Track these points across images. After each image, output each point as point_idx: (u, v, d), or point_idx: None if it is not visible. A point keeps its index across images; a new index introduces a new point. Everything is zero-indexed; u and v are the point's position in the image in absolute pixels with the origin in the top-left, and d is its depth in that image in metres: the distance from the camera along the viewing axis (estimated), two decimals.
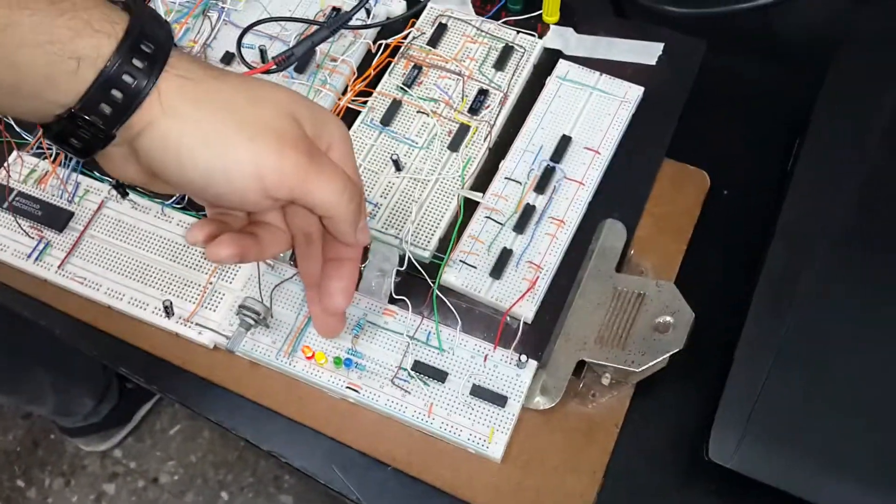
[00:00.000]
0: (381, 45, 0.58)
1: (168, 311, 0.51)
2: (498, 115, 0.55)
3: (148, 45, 0.34)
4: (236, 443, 1.23)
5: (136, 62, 0.34)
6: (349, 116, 0.57)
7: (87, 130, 0.34)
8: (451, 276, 0.51)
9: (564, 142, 0.54)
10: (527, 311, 0.50)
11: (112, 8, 0.34)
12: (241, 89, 0.37)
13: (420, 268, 0.51)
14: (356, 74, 0.58)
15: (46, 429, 1.26)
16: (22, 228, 0.55)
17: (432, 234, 0.52)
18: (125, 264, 0.53)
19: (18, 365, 0.99)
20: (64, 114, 0.34)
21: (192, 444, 1.24)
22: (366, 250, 0.52)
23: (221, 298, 0.52)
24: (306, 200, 0.38)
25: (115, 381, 1.16)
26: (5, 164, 0.57)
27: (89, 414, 1.14)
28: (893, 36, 0.53)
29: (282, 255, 0.52)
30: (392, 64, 0.58)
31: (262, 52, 0.57)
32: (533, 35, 0.57)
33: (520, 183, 0.53)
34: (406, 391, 0.48)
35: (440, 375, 0.48)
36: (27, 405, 1.09)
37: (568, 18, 0.58)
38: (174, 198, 0.55)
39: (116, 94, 0.33)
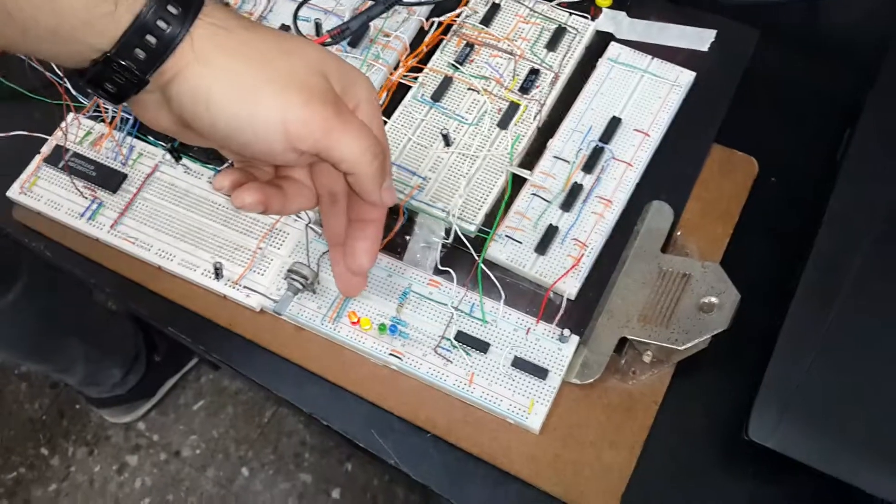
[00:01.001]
0: (433, 22, 0.59)
1: (218, 273, 0.52)
2: (548, 94, 0.56)
3: None
4: (259, 420, 1.24)
5: (171, 8, 0.34)
6: (400, 91, 0.57)
7: (122, 75, 0.35)
8: (497, 250, 0.52)
9: (614, 123, 0.54)
10: (571, 287, 0.50)
11: None
12: (272, 41, 0.37)
13: (466, 241, 0.52)
14: (408, 50, 0.59)
15: (72, 399, 1.28)
16: (77, 188, 0.56)
17: (479, 209, 0.53)
18: (176, 226, 0.54)
19: (54, 334, 1.01)
20: (100, 58, 0.35)
21: (215, 420, 1.25)
22: (412, 222, 0.53)
23: (270, 263, 0.53)
24: (330, 155, 0.38)
25: (144, 353, 1.18)
26: (62, 126, 0.58)
27: (116, 385, 1.16)
28: None
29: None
30: (444, 41, 0.58)
31: (318, 26, 0.58)
32: (586, 17, 0.58)
33: (568, 162, 0.54)
34: (448, 360, 0.49)
35: (482, 346, 0.49)
36: (57, 374, 1.11)
37: (620, 2, 0.59)
38: (226, 164, 0.56)
39: (151, 39, 0.34)
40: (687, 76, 0.55)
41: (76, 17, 0.33)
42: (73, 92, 0.59)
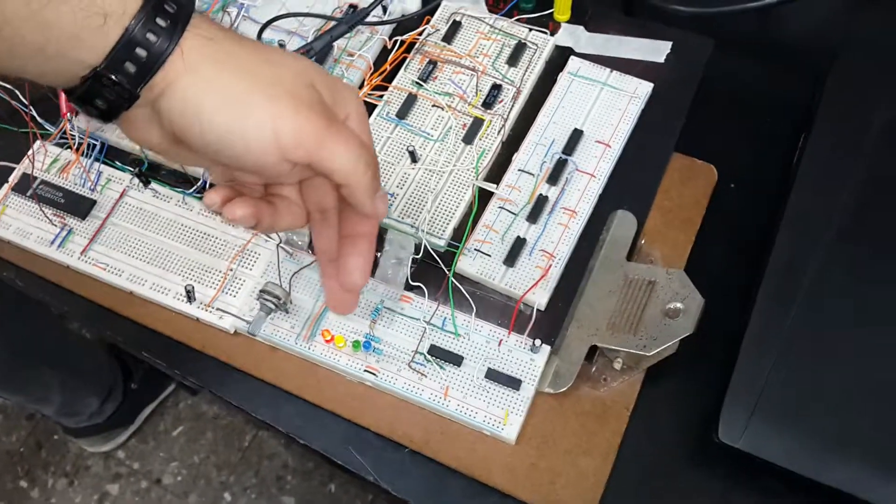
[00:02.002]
0: (396, 41, 0.60)
1: (190, 296, 0.52)
2: (511, 109, 0.57)
3: (171, 4, 0.35)
4: (239, 443, 1.23)
5: (160, 21, 0.34)
6: (366, 110, 0.58)
7: (112, 90, 0.35)
8: (466, 263, 0.52)
9: (576, 135, 0.55)
10: (540, 297, 0.51)
11: None
12: (261, 52, 0.37)
13: (436, 256, 0.53)
14: (372, 69, 0.59)
15: (50, 429, 1.26)
16: (46, 216, 0.56)
17: (447, 224, 0.53)
18: (147, 251, 0.55)
19: (28, 364, 1.00)
20: (89, 74, 0.34)
21: (195, 446, 1.24)
22: (382, 239, 0.54)
23: (242, 284, 0.53)
24: (323, 165, 0.38)
25: (120, 381, 1.17)
26: (29, 154, 0.58)
27: (93, 414, 1.15)
28: (892, 38, 0.54)
29: (300, 242, 0.53)
30: (407, 59, 0.59)
31: (282, 47, 0.59)
32: (545, 32, 0.59)
33: (533, 175, 0.55)
34: (422, 374, 0.50)
35: (456, 359, 0.50)
36: (33, 404, 1.10)
37: (579, 17, 0.60)
38: (195, 186, 0.56)
39: (140, 52, 0.34)
40: (645, 87, 0.57)
41: (64, 33, 0.33)
42: (39, 119, 0.59)
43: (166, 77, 0.35)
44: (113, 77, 0.34)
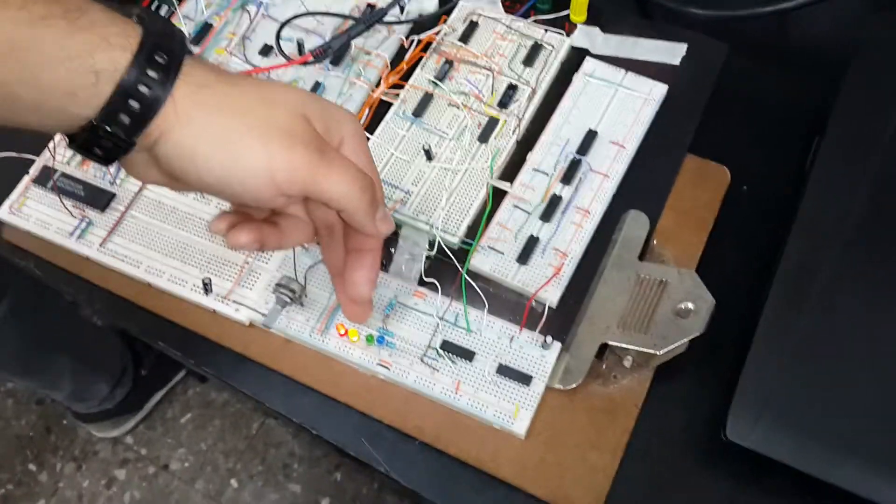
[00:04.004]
0: (413, 40, 0.61)
1: (206, 288, 0.53)
2: (526, 109, 0.57)
3: (162, 55, 0.36)
4: (246, 431, 1.25)
5: (151, 73, 0.35)
6: (382, 108, 0.59)
7: (109, 140, 0.36)
8: (480, 261, 0.53)
9: (590, 136, 0.56)
10: (552, 295, 0.52)
11: (126, 21, 0.36)
12: (252, 93, 0.38)
13: (449, 252, 0.53)
14: (389, 68, 0.60)
15: (59, 414, 1.28)
16: (66, 207, 0.57)
17: (461, 221, 0.54)
18: (165, 243, 0.55)
19: (41, 349, 1.01)
20: (86, 125, 0.35)
21: (203, 433, 1.26)
22: (396, 234, 0.54)
23: (258, 278, 0.54)
24: (319, 195, 0.39)
25: (131, 367, 1.18)
26: (50, 146, 0.59)
27: (103, 400, 1.16)
28: None
29: None
30: (424, 59, 0.60)
31: (300, 45, 0.59)
32: (561, 33, 0.60)
33: (547, 174, 0.55)
34: (434, 369, 0.51)
35: (467, 355, 0.51)
36: (44, 390, 1.11)
37: (594, 18, 0.60)
38: None
39: (134, 104, 0.35)
40: (660, 89, 0.57)
41: (59, 90, 0.34)
42: None
43: (160, 125, 0.36)
44: (108, 128, 0.35)
